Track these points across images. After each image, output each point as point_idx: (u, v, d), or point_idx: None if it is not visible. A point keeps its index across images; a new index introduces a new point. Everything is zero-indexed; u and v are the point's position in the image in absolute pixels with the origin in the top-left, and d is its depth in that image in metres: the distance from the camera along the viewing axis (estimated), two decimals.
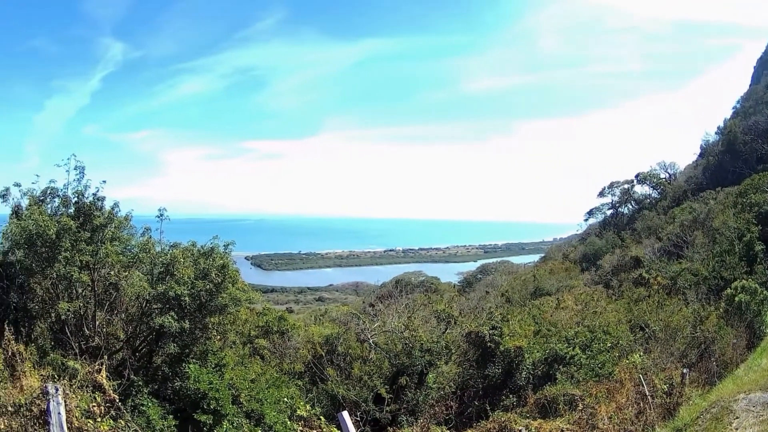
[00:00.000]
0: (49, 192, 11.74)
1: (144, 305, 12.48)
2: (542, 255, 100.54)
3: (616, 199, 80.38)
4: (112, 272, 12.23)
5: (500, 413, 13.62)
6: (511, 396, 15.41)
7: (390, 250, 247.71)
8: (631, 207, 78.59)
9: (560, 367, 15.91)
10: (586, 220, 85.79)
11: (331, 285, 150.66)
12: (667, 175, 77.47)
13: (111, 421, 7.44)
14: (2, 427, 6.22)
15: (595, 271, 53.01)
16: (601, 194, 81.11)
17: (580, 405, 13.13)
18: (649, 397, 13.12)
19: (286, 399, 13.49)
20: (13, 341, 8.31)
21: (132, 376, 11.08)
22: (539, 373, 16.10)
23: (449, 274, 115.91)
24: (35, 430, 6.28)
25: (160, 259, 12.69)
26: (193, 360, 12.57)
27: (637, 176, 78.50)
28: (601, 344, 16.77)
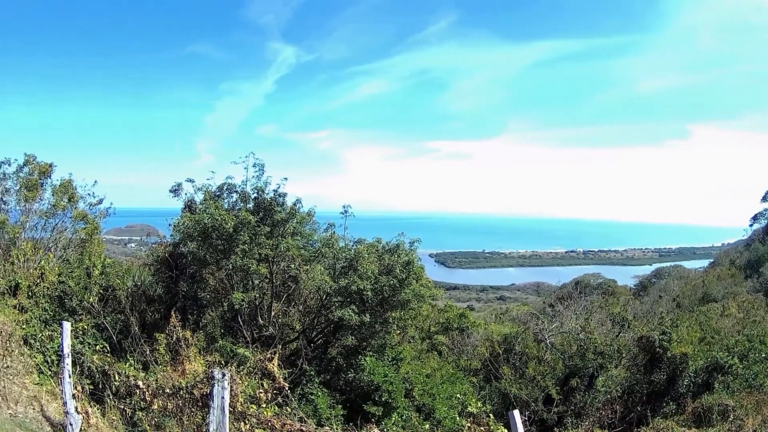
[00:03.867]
0: (226, 188, 12.46)
1: (324, 298, 12.80)
2: (711, 260, 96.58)
3: None
4: (292, 266, 12.68)
5: (659, 420, 13.67)
6: (671, 403, 15.10)
7: (571, 252, 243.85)
8: None
9: (719, 375, 15.23)
10: (751, 225, 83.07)
11: (512, 284, 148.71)
12: None
13: (276, 408, 7.52)
14: (156, 407, 6.52)
15: (757, 279, 50.38)
16: (764, 199, 77.96)
17: (731, 416, 12.75)
18: None
19: (458, 395, 13.20)
20: (179, 327, 8.79)
21: (305, 366, 11.38)
22: (699, 381, 15.48)
23: (626, 276, 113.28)
24: (192, 412, 6.50)
25: (344, 254, 12.95)
26: (370, 353, 12.64)
27: None
28: (757, 354, 15.87)
